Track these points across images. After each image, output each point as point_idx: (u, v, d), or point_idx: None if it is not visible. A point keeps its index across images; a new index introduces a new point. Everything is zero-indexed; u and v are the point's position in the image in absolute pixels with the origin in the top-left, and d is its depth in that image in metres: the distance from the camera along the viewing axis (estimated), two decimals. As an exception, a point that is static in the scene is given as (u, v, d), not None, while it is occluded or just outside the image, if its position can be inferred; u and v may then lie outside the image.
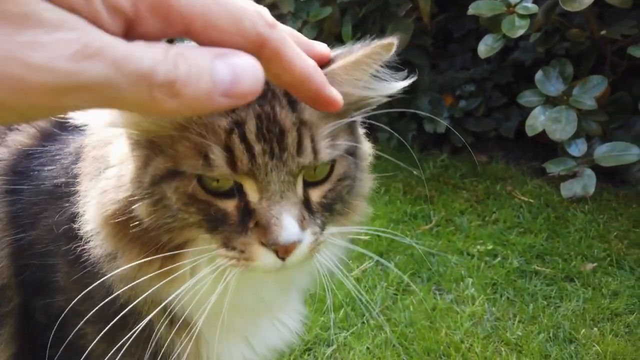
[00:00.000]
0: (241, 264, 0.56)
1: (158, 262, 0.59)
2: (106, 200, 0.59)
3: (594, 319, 1.53)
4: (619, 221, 2.03)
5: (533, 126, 2.35)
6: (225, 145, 0.52)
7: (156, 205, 0.56)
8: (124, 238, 0.59)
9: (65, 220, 0.66)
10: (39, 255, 0.68)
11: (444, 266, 1.77)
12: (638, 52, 2.13)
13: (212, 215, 0.55)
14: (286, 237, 0.53)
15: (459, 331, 1.49)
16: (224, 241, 0.56)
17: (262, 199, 0.54)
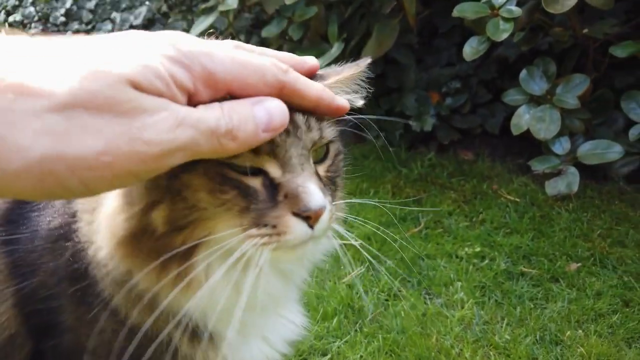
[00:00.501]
0: (273, 239, 0.58)
1: (175, 265, 0.60)
2: (118, 221, 0.60)
3: (578, 320, 1.58)
4: (602, 219, 2.09)
5: (518, 125, 2.38)
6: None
7: (174, 202, 0.57)
8: (140, 253, 0.60)
9: (65, 261, 0.67)
10: (44, 300, 0.69)
11: (433, 270, 1.81)
12: (619, 52, 2.17)
13: (243, 191, 0.58)
14: (315, 202, 0.58)
15: (449, 336, 1.53)
16: (255, 220, 0.58)
17: (285, 173, 0.59)
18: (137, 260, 0.61)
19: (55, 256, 0.68)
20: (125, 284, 0.63)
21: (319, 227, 0.60)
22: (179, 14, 4.20)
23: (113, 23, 5.14)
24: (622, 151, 2.22)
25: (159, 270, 0.60)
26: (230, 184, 0.57)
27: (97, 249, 0.63)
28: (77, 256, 0.66)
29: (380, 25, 2.62)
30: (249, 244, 0.58)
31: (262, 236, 0.58)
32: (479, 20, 2.17)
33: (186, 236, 0.59)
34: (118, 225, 0.60)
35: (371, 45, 2.62)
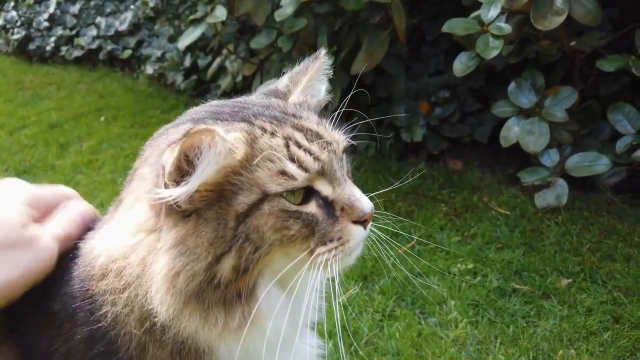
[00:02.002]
0: (339, 250, 0.66)
1: (239, 308, 0.64)
2: (181, 280, 0.61)
3: (570, 339, 1.60)
4: (591, 231, 2.12)
5: (507, 137, 2.41)
6: (290, 157, 0.63)
7: (241, 248, 0.61)
8: (206, 306, 0.63)
9: (78, 343, 0.67)
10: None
11: (427, 288, 1.82)
12: (607, 66, 2.19)
13: (305, 221, 0.64)
14: (368, 206, 0.67)
15: (444, 357, 1.55)
16: (321, 239, 0.65)
17: (334, 189, 0.66)
18: (204, 314, 0.63)
19: (65, 340, 0.68)
20: (185, 343, 0.65)
21: (369, 226, 0.69)
22: (166, 21, 4.16)
23: (98, 28, 5.08)
24: (609, 163, 2.25)
25: (225, 318, 0.63)
26: (293, 217, 0.63)
27: (158, 314, 0.63)
28: (95, 338, 0.67)
29: (370, 37, 2.62)
30: (321, 260, 0.65)
31: (330, 250, 0.66)
32: (468, 36, 2.18)
33: (252, 275, 0.64)
34: (182, 283, 0.61)
35: (362, 57, 2.62)
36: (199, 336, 0.65)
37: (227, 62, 3.40)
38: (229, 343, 0.65)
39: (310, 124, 0.69)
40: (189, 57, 3.99)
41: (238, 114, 0.68)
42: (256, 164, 0.61)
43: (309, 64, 0.80)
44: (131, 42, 4.83)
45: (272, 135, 0.64)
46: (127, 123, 3.53)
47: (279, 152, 0.62)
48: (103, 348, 0.67)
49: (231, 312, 0.63)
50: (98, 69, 4.90)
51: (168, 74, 4.13)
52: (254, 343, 0.66)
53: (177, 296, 0.61)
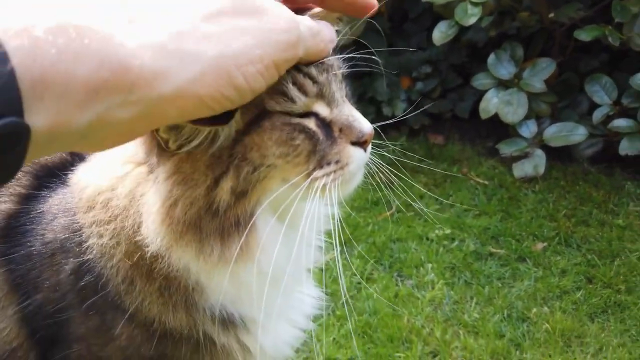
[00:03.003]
0: (338, 174, 0.63)
1: (236, 237, 0.61)
2: (179, 209, 0.59)
3: (544, 298, 1.63)
4: (567, 199, 2.15)
5: (486, 109, 2.43)
6: (293, 81, 0.59)
7: (239, 169, 0.59)
8: (204, 236, 0.60)
9: (68, 275, 0.66)
10: (51, 315, 0.68)
11: (404, 252, 1.83)
12: (584, 35, 2.21)
13: (308, 134, 0.61)
14: (367, 126, 0.64)
15: (420, 317, 1.56)
16: (319, 161, 0.62)
17: (332, 110, 0.63)
18: (200, 245, 0.60)
19: (54, 271, 0.68)
20: (175, 278, 0.64)
21: (369, 149, 0.66)
22: None
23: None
24: (586, 133, 2.28)
25: (221, 248, 0.61)
26: (297, 129, 0.60)
27: (151, 243, 0.61)
28: (83, 270, 0.66)
29: (351, 9, 2.61)
30: (319, 184, 0.61)
31: (328, 174, 0.62)
32: (447, 5, 2.19)
33: (250, 201, 0.61)
34: (179, 214, 0.59)
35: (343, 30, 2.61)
36: (192, 268, 0.63)
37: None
38: (222, 275, 0.62)
39: None
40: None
41: None
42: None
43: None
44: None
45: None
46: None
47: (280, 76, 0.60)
48: (91, 281, 0.66)
49: (228, 242, 0.61)
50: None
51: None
52: (249, 277, 0.63)
53: (175, 226, 0.59)
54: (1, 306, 0.69)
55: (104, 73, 0.37)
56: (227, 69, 0.44)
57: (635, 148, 2.21)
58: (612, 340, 1.46)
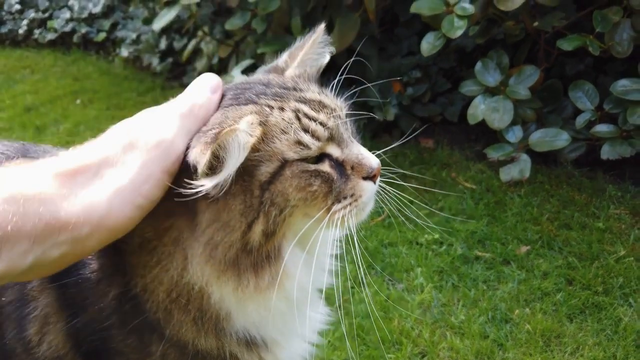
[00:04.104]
0: (353, 205, 0.73)
1: (267, 269, 0.71)
2: (219, 251, 0.68)
3: (526, 300, 1.73)
4: (551, 202, 2.24)
5: (474, 115, 2.51)
6: (303, 128, 0.69)
7: (267, 213, 0.68)
8: (241, 272, 0.70)
9: (110, 299, 0.75)
10: (96, 332, 0.77)
11: (395, 257, 1.92)
12: (566, 45, 2.30)
13: (324, 178, 0.70)
14: (375, 161, 0.74)
15: (410, 319, 1.65)
16: (337, 197, 0.72)
17: (343, 150, 0.73)
18: (238, 279, 0.70)
19: (101, 296, 0.76)
20: (208, 309, 0.73)
21: (377, 181, 0.76)
22: (140, 2, 4.14)
23: (71, 10, 5.02)
24: (569, 138, 2.37)
25: (255, 280, 0.71)
26: (314, 175, 0.70)
27: (195, 283, 0.71)
28: (125, 298, 0.75)
29: (342, 19, 2.68)
30: (337, 216, 0.72)
31: (345, 207, 0.72)
32: (434, 16, 2.26)
33: (278, 237, 0.71)
34: (220, 255, 0.68)
35: (333, 38, 2.64)
36: (227, 299, 0.72)
37: (203, 44, 3.43)
38: (254, 303, 0.72)
39: (312, 95, 0.75)
40: (164, 39, 3.99)
41: (240, 96, 0.72)
42: (272, 137, 0.68)
43: (306, 39, 0.84)
44: (105, 24, 4.79)
45: (280, 110, 0.70)
46: (103, 105, 3.54)
47: (293, 125, 0.69)
48: (132, 307, 0.74)
49: (261, 273, 0.70)
50: (72, 52, 4.86)
51: (144, 57, 4.13)
52: (276, 302, 0.73)
53: (217, 266, 0.69)
54: (52, 321, 0.77)
55: (41, 225, 0.56)
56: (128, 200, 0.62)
57: (616, 153, 2.30)
58: (588, 340, 1.56)
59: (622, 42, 2.29)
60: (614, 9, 2.29)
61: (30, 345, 0.77)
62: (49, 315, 0.77)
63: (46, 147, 0.94)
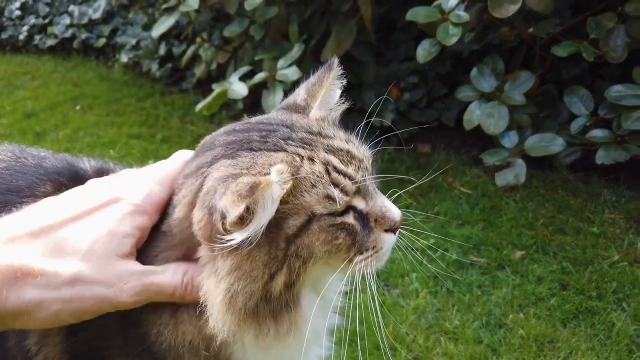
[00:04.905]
0: (374, 257, 0.74)
1: (286, 317, 0.72)
2: (240, 300, 0.68)
3: (520, 305, 1.74)
4: (546, 207, 2.26)
5: (470, 120, 2.53)
6: (332, 182, 0.69)
7: (291, 264, 0.68)
8: (260, 320, 0.70)
9: (114, 321, 0.75)
10: (95, 350, 0.78)
11: (391, 262, 1.94)
12: (560, 51, 2.32)
13: (348, 230, 0.71)
14: (397, 214, 0.75)
15: (405, 324, 1.67)
16: (359, 249, 0.72)
17: (367, 202, 0.73)
18: (258, 327, 0.70)
19: (104, 316, 0.75)
20: (218, 355, 0.74)
21: (397, 232, 0.77)
22: (139, 9, 4.17)
23: (71, 16, 5.05)
24: (564, 143, 2.39)
25: (275, 327, 0.71)
26: (339, 227, 0.70)
27: (219, 333, 0.70)
28: (133, 323, 0.76)
29: (339, 25, 2.70)
30: (358, 267, 0.74)
31: (365, 258, 0.74)
32: (430, 24, 2.28)
33: (298, 286, 0.71)
34: (240, 304, 0.68)
35: (330, 45, 2.71)
36: (250, 348, 0.74)
37: (201, 50, 3.45)
38: (277, 349, 0.74)
39: (340, 144, 0.73)
40: (163, 45, 4.02)
41: (267, 140, 0.71)
42: (302, 191, 0.68)
43: (323, 75, 0.84)
44: (105, 30, 4.82)
45: (310, 161, 0.69)
46: (102, 111, 3.56)
47: (322, 179, 0.68)
48: (136, 334, 0.76)
49: (280, 320, 0.71)
50: (72, 58, 4.89)
51: (143, 62, 4.16)
52: (292, 346, 0.75)
53: (237, 315, 0.68)
54: (51, 334, 0.77)
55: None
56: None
57: (611, 158, 2.32)
58: (581, 345, 1.58)
59: (616, 47, 2.31)
60: (608, 15, 2.31)
61: (29, 354, 0.77)
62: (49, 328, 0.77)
63: (41, 151, 0.92)
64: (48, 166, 0.86)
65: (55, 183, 0.82)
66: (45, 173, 0.84)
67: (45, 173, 0.84)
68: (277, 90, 2.70)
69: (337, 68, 0.85)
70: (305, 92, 0.84)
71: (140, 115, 3.43)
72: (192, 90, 3.76)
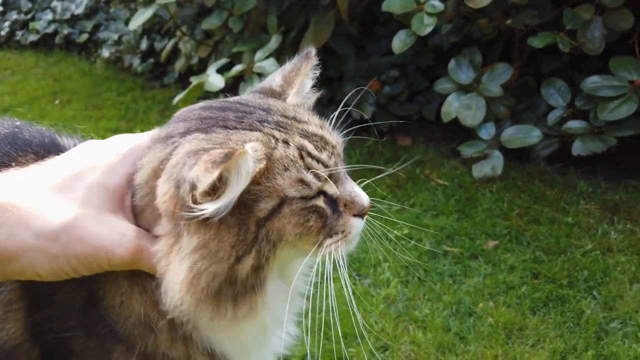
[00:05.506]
0: (343, 240, 0.75)
1: (247, 299, 0.70)
2: (203, 280, 0.66)
3: (491, 293, 1.73)
4: (522, 198, 2.25)
5: (447, 112, 2.53)
6: (306, 167, 0.69)
7: (261, 248, 0.67)
8: (222, 300, 0.69)
9: (77, 301, 0.74)
10: (57, 330, 0.76)
11: (364, 252, 1.92)
12: (537, 42, 2.32)
13: (319, 213, 0.71)
14: (366, 200, 0.76)
15: (374, 313, 1.65)
16: (328, 232, 0.73)
17: (338, 188, 0.73)
18: (217, 308, 0.69)
19: (69, 297, 0.75)
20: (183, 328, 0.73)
21: (365, 217, 0.78)
22: (120, 3, 4.13)
23: (53, 12, 5.00)
24: (540, 135, 2.39)
25: (233, 310, 0.70)
26: (311, 211, 0.70)
27: (175, 309, 0.68)
28: (88, 301, 0.74)
29: (317, 17, 2.69)
30: (328, 250, 0.74)
31: (335, 242, 0.74)
32: (405, 15, 2.27)
33: (265, 270, 0.70)
34: (202, 284, 0.66)
35: (309, 37, 2.69)
36: (202, 327, 0.72)
37: (181, 43, 3.42)
38: (228, 331, 0.72)
39: (315, 129, 0.74)
40: (145, 40, 3.98)
41: (244, 120, 0.71)
42: (275, 173, 0.67)
43: (301, 64, 0.84)
44: (88, 25, 4.77)
45: (285, 144, 0.69)
46: (81, 106, 3.53)
47: (296, 163, 0.68)
48: (97, 313, 0.74)
49: (240, 303, 0.70)
50: (55, 54, 4.84)
51: (125, 57, 4.12)
52: (249, 329, 0.73)
53: (198, 295, 0.66)
54: (13, 309, 0.75)
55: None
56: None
57: (587, 149, 2.32)
58: (550, 332, 1.57)
59: (593, 39, 2.31)
60: (584, 7, 2.31)
61: None
62: (12, 302, 0.75)
63: (41, 129, 0.90)
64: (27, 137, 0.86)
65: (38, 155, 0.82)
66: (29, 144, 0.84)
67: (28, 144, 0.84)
68: (254, 83, 2.67)
69: (314, 58, 0.85)
70: (282, 79, 0.84)
71: (120, 110, 3.39)
72: (173, 85, 3.73)
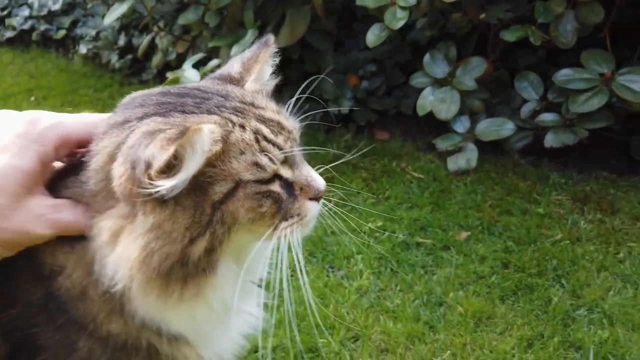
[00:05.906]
0: (298, 224, 0.76)
1: (195, 282, 0.70)
2: (155, 260, 0.66)
3: (461, 283, 1.75)
4: (495, 190, 2.28)
5: (422, 106, 2.55)
6: (261, 150, 0.70)
7: (214, 230, 0.68)
8: (172, 283, 0.69)
9: (37, 298, 0.75)
10: (23, 328, 0.76)
11: (337, 245, 1.94)
12: (509, 36, 2.34)
13: (274, 198, 0.72)
14: (322, 184, 0.78)
15: (346, 304, 1.66)
16: (284, 216, 0.74)
17: (294, 171, 0.75)
18: (165, 287, 0.69)
19: (28, 295, 0.76)
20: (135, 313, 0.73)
21: (322, 201, 0.80)
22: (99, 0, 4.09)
23: (30, 8, 4.93)
24: (514, 127, 2.42)
25: (180, 290, 0.70)
26: (265, 195, 0.71)
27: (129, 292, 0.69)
28: (50, 297, 0.74)
29: (293, 11, 2.69)
30: (283, 234, 0.75)
31: (290, 225, 0.75)
32: (379, 9, 2.29)
33: (218, 253, 0.70)
34: (154, 264, 0.67)
35: (285, 31, 2.69)
36: (148, 305, 0.71)
37: (158, 39, 3.40)
38: (177, 313, 0.72)
39: (271, 114, 0.75)
40: (123, 36, 3.95)
41: (202, 105, 0.71)
42: (230, 157, 0.68)
43: (259, 51, 0.85)
44: (65, 22, 4.71)
45: (241, 128, 0.70)
46: (57, 102, 3.49)
47: (252, 147, 0.69)
48: (56, 306, 0.74)
49: (188, 284, 0.70)
50: (31, 50, 4.78)
51: (103, 54, 4.08)
52: (197, 312, 0.74)
53: (148, 273, 0.67)
54: None
55: None
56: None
57: (560, 141, 2.35)
58: (517, 320, 1.59)
59: (566, 33, 2.34)
60: (556, 1, 2.34)
61: None
62: None
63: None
64: None
65: None
66: None
67: None
68: (231, 77, 2.67)
69: (273, 45, 0.86)
70: (241, 66, 0.85)
71: (96, 106, 3.37)
72: (152, 81, 3.70)
